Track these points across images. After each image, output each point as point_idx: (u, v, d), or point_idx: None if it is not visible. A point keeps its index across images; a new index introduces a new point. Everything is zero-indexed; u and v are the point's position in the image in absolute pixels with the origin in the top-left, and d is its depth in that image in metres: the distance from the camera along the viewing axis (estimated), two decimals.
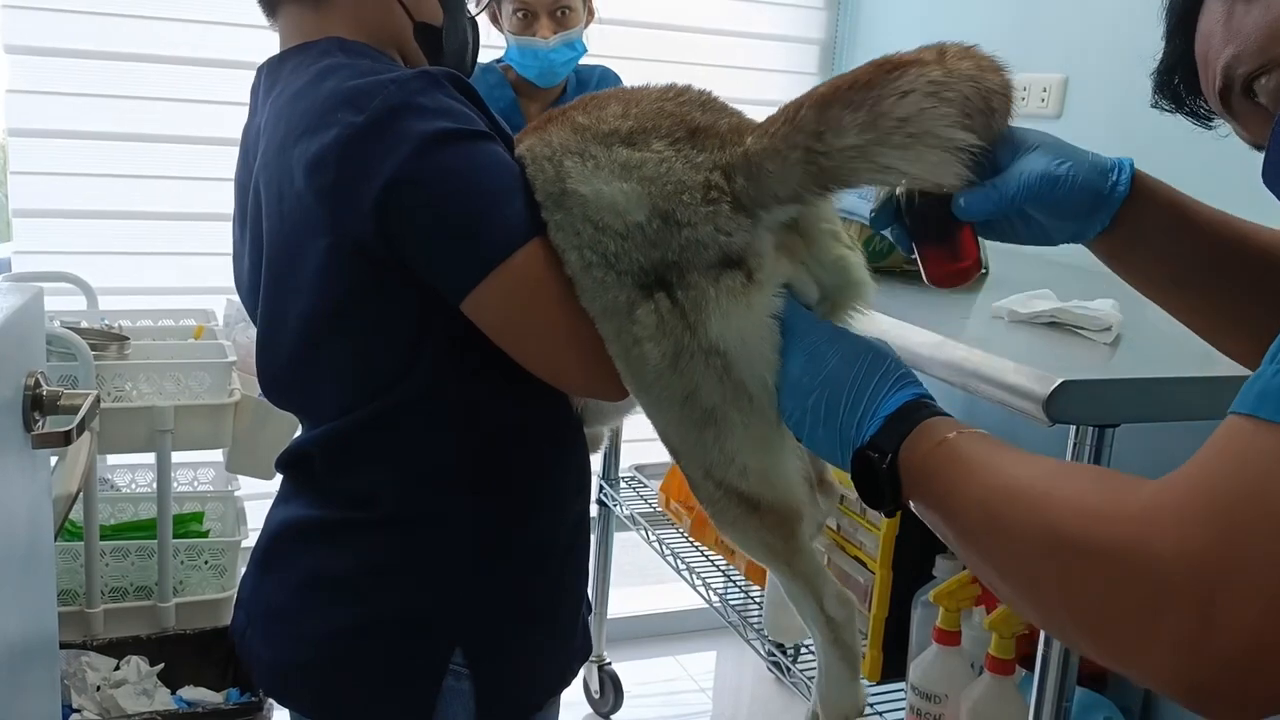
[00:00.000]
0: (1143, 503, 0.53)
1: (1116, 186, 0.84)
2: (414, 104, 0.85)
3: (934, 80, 0.76)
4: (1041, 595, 0.59)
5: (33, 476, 1.04)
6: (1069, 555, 0.55)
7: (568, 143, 0.87)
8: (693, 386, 0.83)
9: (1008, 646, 1.34)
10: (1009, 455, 0.65)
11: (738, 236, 0.81)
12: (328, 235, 0.88)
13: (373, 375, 0.93)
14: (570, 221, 0.85)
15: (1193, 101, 0.79)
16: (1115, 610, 0.53)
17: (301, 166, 0.88)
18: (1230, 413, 0.53)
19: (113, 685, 1.86)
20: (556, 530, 1.03)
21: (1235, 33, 0.70)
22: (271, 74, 1.01)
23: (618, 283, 0.83)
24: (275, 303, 0.97)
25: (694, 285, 0.81)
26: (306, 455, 1.01)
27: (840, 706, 0.95)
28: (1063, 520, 0.56)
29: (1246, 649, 0.49)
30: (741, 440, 0.84)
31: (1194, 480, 0.52)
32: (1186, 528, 0.50)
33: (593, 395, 0.95)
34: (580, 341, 0.87)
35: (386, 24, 1.00)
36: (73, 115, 2.29)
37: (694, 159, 0.82)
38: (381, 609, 0.97)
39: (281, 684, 1.02)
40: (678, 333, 0.82)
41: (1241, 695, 0.50)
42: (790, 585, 0.91)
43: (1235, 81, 0.70)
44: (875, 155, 0.76)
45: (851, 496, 1.64)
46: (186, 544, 2.07)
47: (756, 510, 0.86)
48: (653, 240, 0.82)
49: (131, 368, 1.95)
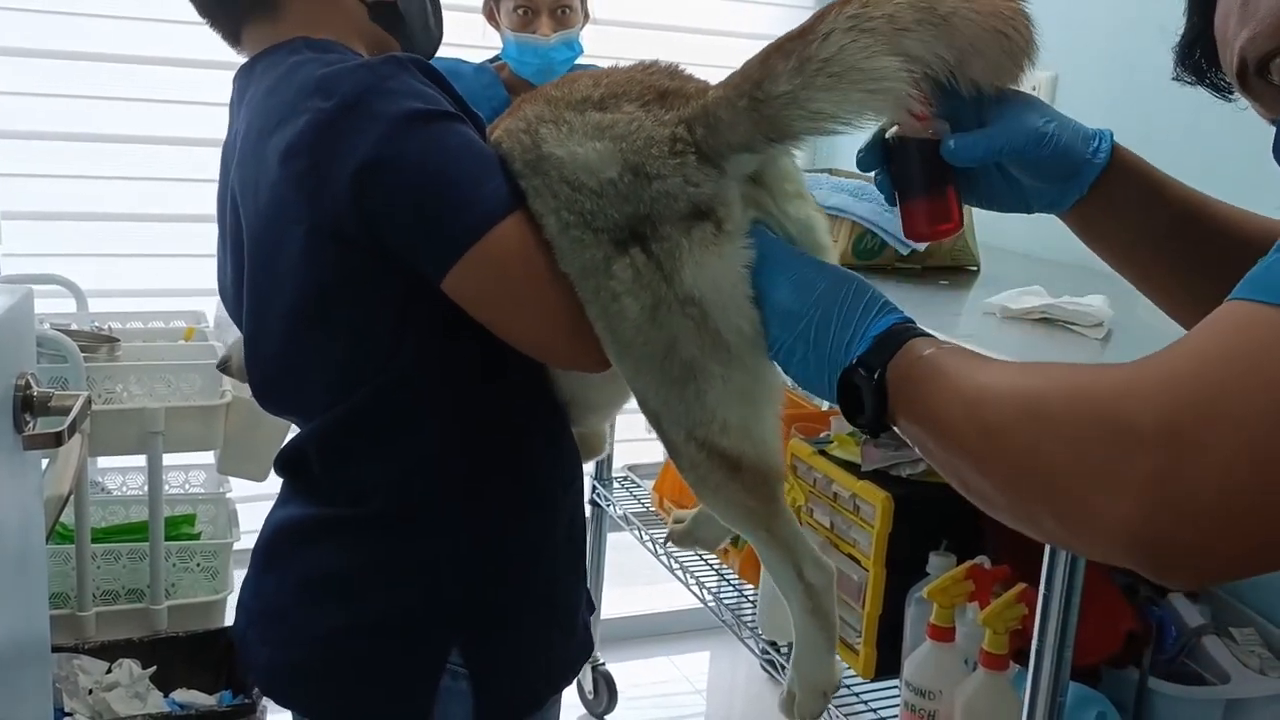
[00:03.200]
0: (1127, 369, 0.55)
1: (1097, 153, 0.85)
2: (382, 87, 0.87)
3: (852, 15, 0.76)
4: (1020, 473, 0.59)
5: (23, 478, 1.03)
6: (1050, 422, 0.57)
7: (542, 113, 0.89)
8: (672, 339, 0.84)
9: (1001, 642, 1.34)
10: (992, 361, 0.66)
11: (705, 186, 0.82)
12: (306, 221, 0.89)
13: (358, 364, 0.94)
14: (548, 185, 0.87)
15: (1214, 75, 0.80)
16: (1088, 461, 0.54)
17: (276, 156, 0.89)
18: (1228, 299, 0.54)
19: (105, 688, 1.85)
20: (551, 526, 1.03)
21: (1252, 14, 0.71)
22: (244, 79, 1.02)
23: (594, 240, 0.85)
24: (259, 299, 0.97)
25: (667, 237, 0.83)
26: (301, 453, 1.01)
27: (817, 682, 0.95)
28: (1045, 395, 0.58)
29: (1211, 503, 0.50)
30: (721, 393, 0.85)
31: (1184, 354, 0.54)
32: (1168, 385, 0.52)
33: (577, 366, 0.95)
34: (562, 311, 0.88)
35: (340, 15, 1.02)
36: (61, 117, 2.28)
37: (662, 117, 0.84)
38: (378, 609, 0.97)
39: (280, 684, 1.02)
40: (654, 284, 0.83)
41: (1200, 551, 0.51)
42: (769, 553, 0.92)
43: (1251, 62, 0.72)
44: (804, 100, 0.78)
45: (845, 494, 1.64)
46: (178, 546, 2.06)
47: (738, 471, 0.87)
48: (625, 195, 0.83)
49: (122, 369, 1.95)
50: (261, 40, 1.01)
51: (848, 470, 1.66)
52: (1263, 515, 0.50)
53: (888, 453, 1.60)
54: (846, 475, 1.64)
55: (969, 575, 1.43)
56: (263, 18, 1.00)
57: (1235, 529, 0.50)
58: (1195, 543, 0.51)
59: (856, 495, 1.61)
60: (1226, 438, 0.50)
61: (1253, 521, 0.50)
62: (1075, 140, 0.85)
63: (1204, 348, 0.53)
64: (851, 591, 1.63)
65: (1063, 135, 0.84)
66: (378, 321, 0.92)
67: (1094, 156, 0.85)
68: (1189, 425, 0.51)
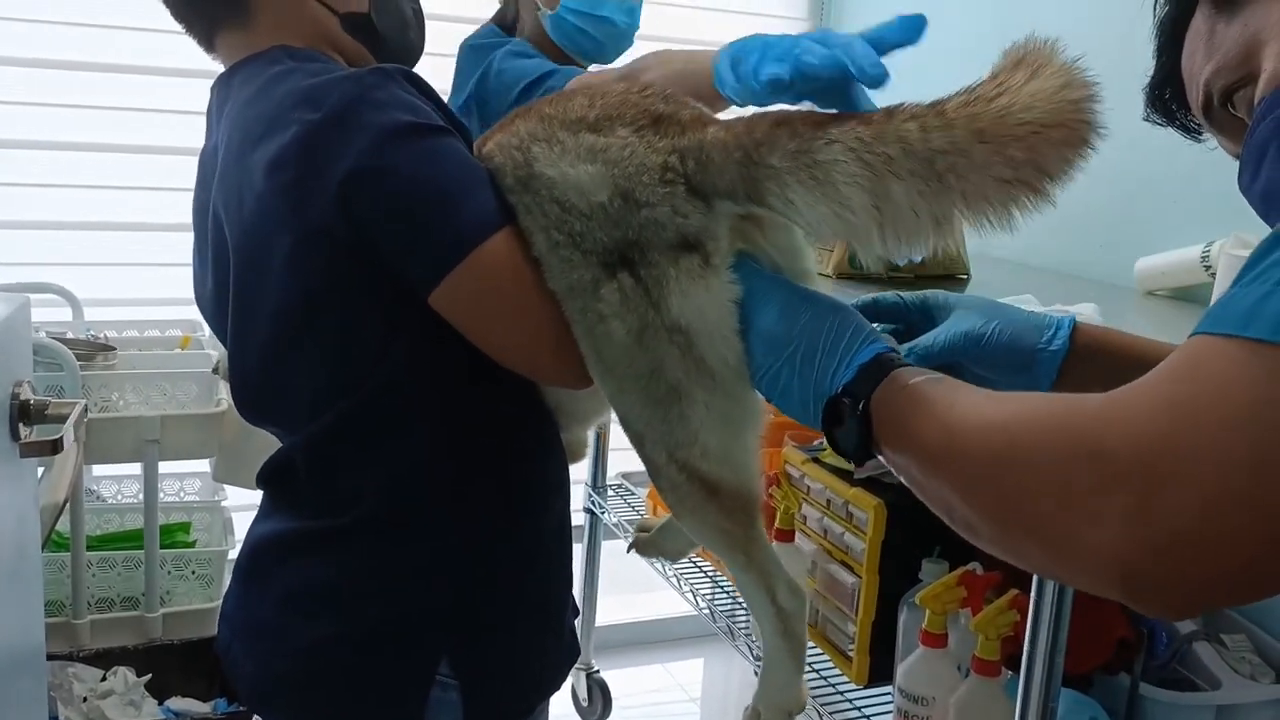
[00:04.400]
0: (1099, 402, 0.56)
1: (1052, 341, 0.86)
2: (370, 98, 0.87)
3: (860, 138, 0.76)
4: (1003, 506, 0.60)
5: (19, 486, 1.04)
6: (1030, 456, 0.58)
7: (535, 131, 0.89)
8: (657, 362, 0.84)
9: (994, 648, 1.35)
10: (975, 391, 0.67)
11: (693, 219, 0.83)
12: (293, 231, 0.89)
13: (345, 371, 0.93)
14: (538, 204, 0.87)
15: (1183, 115, 0.82)
16: (1067, 495, 0.55)
17: (262, 168, 0.89)
18: (1192, 333, 0.56)
19: (100, 696, 1.85)
20: (539, 533, 1.03)
21: (1216, 48, 0.73)
22: (222, 90, 1.02)
23: (583, 261, 0.85)
24: (244, 309, 0.97)
25: (655, 264, 0.83)
26: (287, 464, 1.00)
27: (783, 702, 0.95)
28: (1024, 427, 0.59)
29: (1182, 537, 0.51)
30: (704, 418, 0.85)
31: (1151, 388, 0.55)
32: (1140, 422, 0.53)
33: (561, 383, 0.96)
34: (547, 328, 0.88)
35: (310, 25, 1.01)
36: (57, 127, 2.29)
37: (655, 144, 0.84)
38: (364, 620, 0.96)
39: (265, 698, 1.01)
40: (641, 309, 0.84)
41: (1174, 583, 0.53)
42: (744, 576, 0.92)
43: (1215, 94, 0.73)
44: (785, 184, 0.78)
45: (838, 501, 1.65)
46: (173, 554, 2.06)
47: (716, 495, 0.87)
48: (614, 219, 0.84)
49: (118, 378, 1.95)
50: (235, 48, 1.01)
51: (840, 478, 1.66)
52: (1237, 547, 0.51)
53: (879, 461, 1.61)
54: (839, 483, 1.65)
55: (961, 582, 1.43)
56: (235, 26, 1.00)
57: (1211, 562, 0.52)
58: (1173, 576, 0.53)
59: (849, 502, 1.62)
60: (1195, 474, 0.51)
61: (1227, 554, 0.52)
62: (1025, 331, 0.87)
63: (1171, 384, 0.55)
64: (844, 598, 1.64)
65: (1005, 332, 0.86)
66: (365, 328, 0.92)
67: (1048, 345, 0.87)
68: (1161, 461, 0.52)
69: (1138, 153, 1.88)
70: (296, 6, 1.01)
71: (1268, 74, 0.69)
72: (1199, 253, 1.71)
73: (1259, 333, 0.52)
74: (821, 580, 1.70)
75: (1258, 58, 0.70)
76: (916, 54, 0.88)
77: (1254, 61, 0.70)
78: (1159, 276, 1.80)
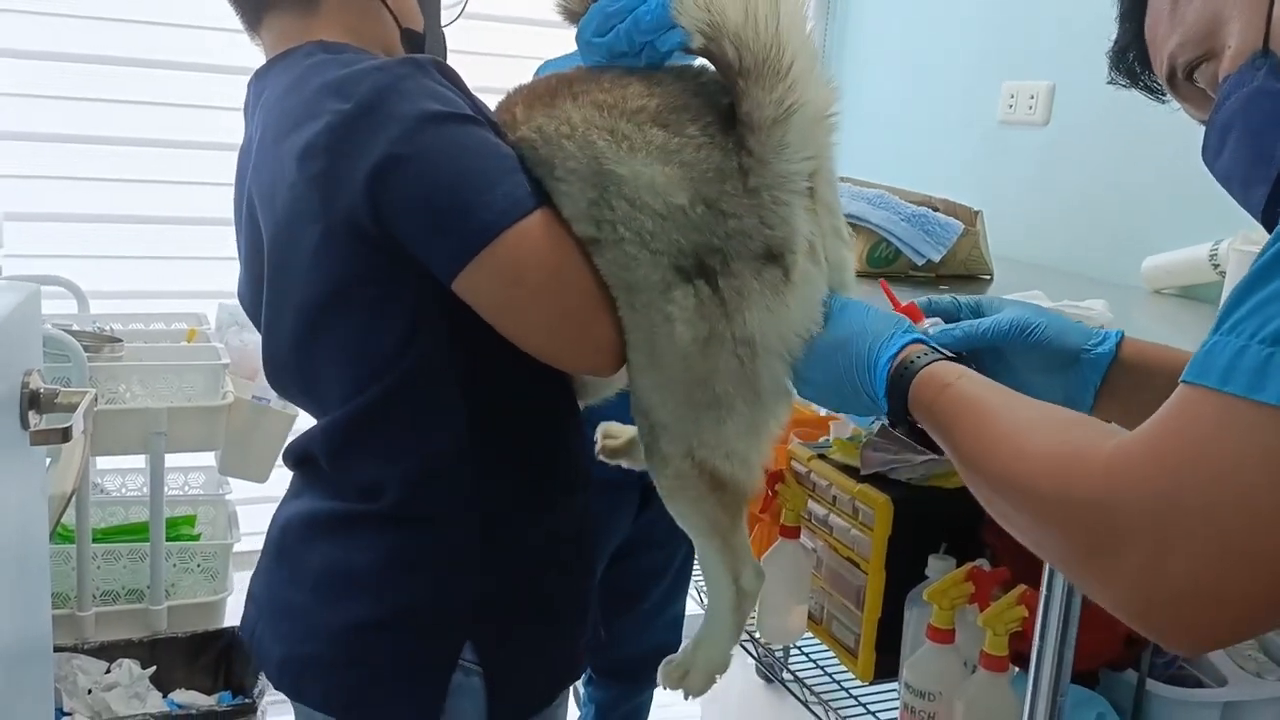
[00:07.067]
0: (1105, 461, 0.60)
1: (1099, 347, 0.88)
2: (400, 88, 0.87)
3: None
4: (1021, 534, 0.66)
5: (28, 475, 1.04)
6: (1041, 506, 0.63)
7: (591, 118, 0.88)
8: (712, 371, 0.86)
9: (1001, 644, 1.34)
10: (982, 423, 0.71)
11: (779, 230, 0.85)
12: (322, 221, 0.89)
13: (371, 359, 0.94)
14: (605, 199, 0.87)
15: (1147, 77, 0.84)
16: (1083, 551, 0.60)
17: (293, 157, 0.89)
18: (1180, 381, 0.59)
19: (104, 688, 1.85)
20: (561, 519, 1.04)
21: (1179, 22, 0.75)
22: (259, 83, 1.02)
23: (651, 260, 0.86)
24: (276, 298, 0.98)
25: (737, 275, 0.84)
26: (314, 448, 1.01)
27: (715, 665, 1.01)
28: (1034, 478, 0.63)
29: (1189, 587, 0.56)
30: (739, 426, 0.88)
31: (1149, 442, 0.59)
32: (1143, 484, 0.57)
33: (583, 370, 0.97)
34: (573, 316, 0.89)
35: (375, 29, 1.02)
36: (64, 120, 2.29)
37: (726, 145, 0.85)
38: (392, 604, 0.97)
39: (292, 678, 1.02)
40: (714, 319, 0.85)
41: (1188, 626, 0.57)
42: (717, 557, 0.95)
43: (1179, 68, 0.75)
44: None
45: (844, 497, 1.65)
46: (178, 547, 2.07)
47: (721, 490, 0.90)
48: (696, 225, 0.85)
49: (125, 369, 1.95)
50: (285, 32, 1.00)
51: (847, 474, 1.66)
52: (1243, 597, 0.55)
53: (887, 456, 1.61)
54: (846, 479, 1.65)
55: (969, 577, 1.43)
56: (295, 9, 1.00)
57: (1220, 610, 0.56)
58: (1183, 620, 0.57)
59: (856, 499, 1.62)
60: (1196, 529, 0.55)
61: (1235, 604, 0.56)
62: (1073, 333, 0.88)
63: (1167, 438, 0.58)
64: (851, 595, 1.64)
65: (1053, 328, 0.88)
66: (392, 317, 0.92)
67: (1094, 348, 0.88)
68: (1164, 518, 0.56)
69: (1145, 151, 1.89)
70: (367, 7, 1.01)
71: (1231, 51, 0.71)
72: (1207, 251, 1.70)
73: (1236, 388, 0.55)
74: (828, 576, 1.70)
75: (1220, 34, 0.72)
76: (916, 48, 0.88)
77: (1216, 38, 0.72)
78: (1167, 275, 1.80)
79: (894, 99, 2.55)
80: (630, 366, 0.90)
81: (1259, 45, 0.69)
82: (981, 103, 2.23)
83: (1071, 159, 2.05)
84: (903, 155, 2.49)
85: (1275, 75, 0.68)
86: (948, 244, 1.68)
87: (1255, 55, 0.69)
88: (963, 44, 2.31)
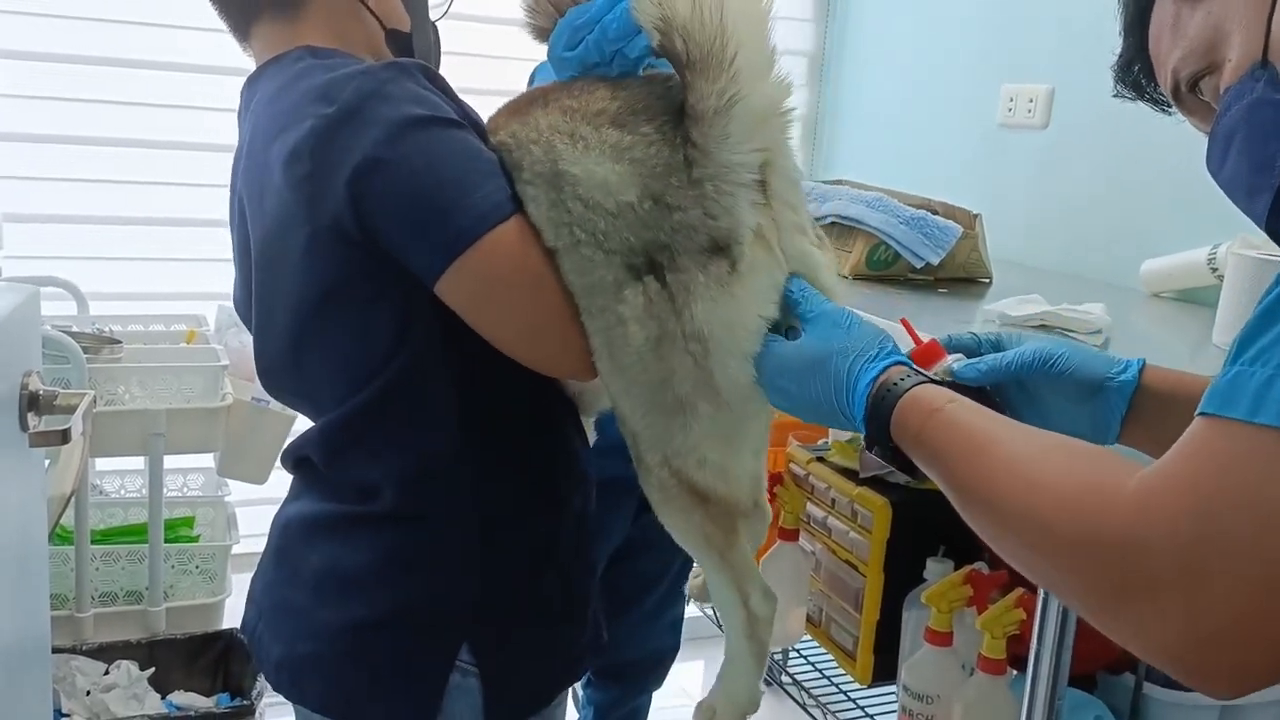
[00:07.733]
0: (1132, 499, 0.58)
1: (1121, 375, 0.87)
2: (383, 92, 0.87)
3: None
4: (1032, 572, 0.65)
5: (27, 476, 1.04)
6: (1061, 546, 0.60)
7: (556, 124, 0.89)
8: (669, 372, 0.85)
9: (999, 647, 1.35)
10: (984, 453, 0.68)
11: (723, 220, 0.83)
12: (307, 224, 0.89)
13: (364, 360, 0.94)
14: (560, 200, 0.87)
15: (1152, 90, 0.84)
16: (1110, 594, 0.58)
17: (279, 162, 0.90)
18: (1198, 413, 0.58)
19: (103, 690, 1.85)
20: (560, 521, 1.04)
21: (1182, 35, 0.75)
22: (250, 89, 1.03)
23: (605, 261, 0.86)
24: (266, 302, 0.98)
25: (683, 269, 0.83)
26: (310, 450, 1.01)
27: (741, 702, 0.98)
28: (1053, 516, 0.61)
29: (1226, 630, 0.54)
30: (707, 431, 0.87)
31: (1179, 476, 0.57)
32: (1176, 521, 0.55)
33: (564, 374, 0.97)
34: (552, 320, 0.89)
35: (360, 32, 1.03)
36: (63, 121, 2.29)
37: (675, 140, 0.85)
38: (389, 604, 0.97)
39: (291, 678, 1.02)
40: (663, 316, 0.84)
41: (1224, 670, 0.56)
42: (718, 576, 0.94)
43: (1183, 81, 0.76)
44: None
45: (843, 500, 1.65)
46: (177, 549, 2.06)
47: (705, 503, 0.89)
48: (644, 221, 0.84)
49: (124, 371, 1.95)
50: (273, 40, 1.01)
51: (846, 477, 1.66)
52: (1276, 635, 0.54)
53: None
54: (845, 482, 1.65)
55: (967, 580, 1.44)
56: (279, 17, 1.01)
57: (1267, 646, 0.54)
58: (1218, 664, 0.56)
59: (855, 502, 1.62)
60: (1236, 566, 0.53)
61: (1268, 642, 0.54)
62: (1096, 362, 0.87)
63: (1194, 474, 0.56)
64: (849, 598, 1.64)
65: (1075, 358, 0.87)
66: (381, 319, 0.93)
67: (1117, 376, 0.87)
68: (1201, 555, 0.54)
69: (1144, 154, 1.89)
70: (350, 11, 1.02)
71: (1232, 64, 0.71)
72: (1205, 255, 1.70)
73: (1268, 419, 0.53)
74: (826, 579, 1.70)
75: (1222, 47, 0.72)
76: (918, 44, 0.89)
77: (1218, 51, 0.72)
78: (1165, 278, 1.80)
79: (893, 101, 2.56)
80: (600, 374, 0.90)
81: (1259, 57, 0.69)
82: (981, 105, 2.23)
83: (1070, 162, 2.06)
84: (902, 158, 2.50)
85: (1275, 86, 0.68)
86: (947, 247, 1.68)
87: (1255, 66, 0.69)
88: (962, 46, 2.31)
